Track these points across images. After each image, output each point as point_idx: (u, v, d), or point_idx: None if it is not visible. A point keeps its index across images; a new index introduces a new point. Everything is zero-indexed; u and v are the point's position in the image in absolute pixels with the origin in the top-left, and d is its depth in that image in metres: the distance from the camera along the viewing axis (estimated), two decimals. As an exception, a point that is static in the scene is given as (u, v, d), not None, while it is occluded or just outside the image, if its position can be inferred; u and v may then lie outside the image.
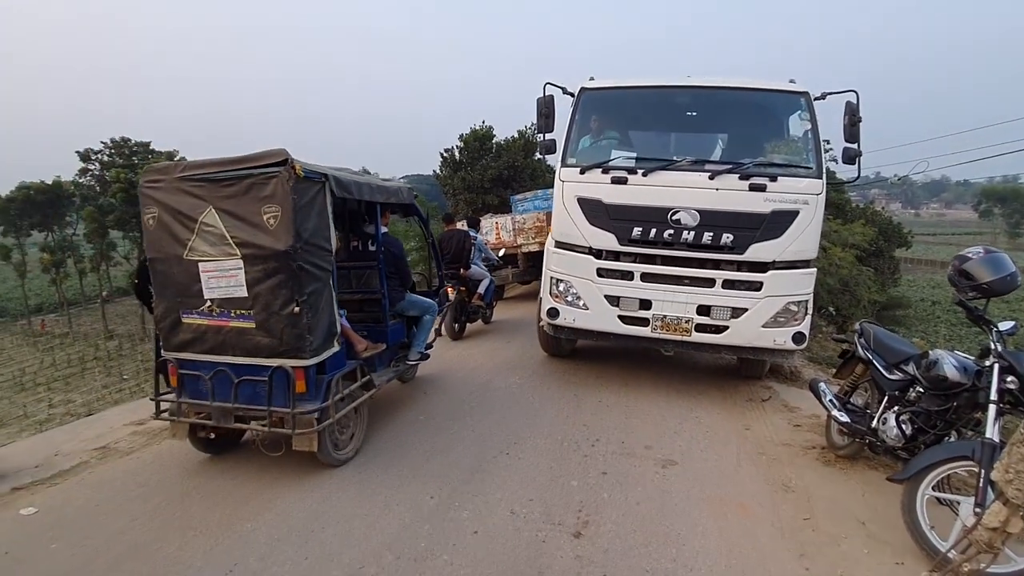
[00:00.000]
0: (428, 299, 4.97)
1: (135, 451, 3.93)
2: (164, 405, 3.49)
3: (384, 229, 4.48)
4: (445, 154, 18.93)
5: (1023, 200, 55.80)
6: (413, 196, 4.84)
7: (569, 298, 4.98)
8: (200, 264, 3.12)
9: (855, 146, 4.74)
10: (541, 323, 5.43)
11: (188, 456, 3.70)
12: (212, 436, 3.53)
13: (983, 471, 2.39)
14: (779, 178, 4.51)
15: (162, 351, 3.43)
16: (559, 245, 5.08)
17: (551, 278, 5.10)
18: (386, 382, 4.35)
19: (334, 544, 2.65)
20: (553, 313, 5.05)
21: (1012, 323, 2.91)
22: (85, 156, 32.25)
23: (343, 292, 4.16)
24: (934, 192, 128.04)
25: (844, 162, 4.92)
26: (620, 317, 4.81)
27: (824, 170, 4.63)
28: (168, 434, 3.71)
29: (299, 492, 3.17)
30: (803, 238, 4.50)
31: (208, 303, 3.16)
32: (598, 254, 4.86)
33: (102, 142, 32.43)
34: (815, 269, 4.66)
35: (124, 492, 3.28)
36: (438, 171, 19.35)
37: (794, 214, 4.47)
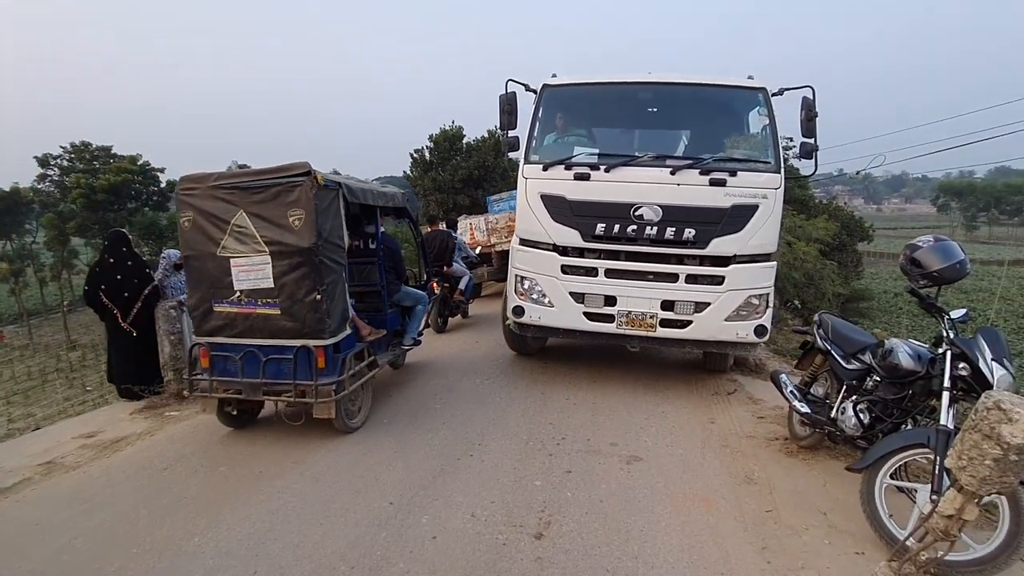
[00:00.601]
0: (420, 291, 5.56)
1: (82, 465, 3.72)
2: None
3: (383, 229, 4.98)
4: (415, 155, 18.77)
5: (978, 194, 58.07)
6: (405, 200, 5.33)
7: (534, 296, 4.93)
8: (231, 260, 3.61)
9: (812, 141, 4.81)
10: (507, 322, 5.37)
11: (137, 470, 3.53)
12: (235, 412, 4.12)
13: (938, 458, 2.40)
14: (739, 173, 4.54)
15: (194, 336, 3.90)
16: (523, 242, 5.03)
17: (516, 276, 5.04)
18: (386, 363, 4.86)
19: (285, 557, 2.54)
20: (519, 311, 5.00)
21: (964, 311, 2.96)
22: (44, 161, 31.06)
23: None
24: (895, 188, 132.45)
25: (802, 157, 4.99)
26: (585, 314, 4.78)
27: (782, 164, 4.68)
28: (199, 409, 4.24)
29: (251, 505, 3.03)
30: (763, 232, 4.53)
31: (238, 293, 3.64)
32: (562, 251, 4.82)
33: (61, 147, 31.30)
34: (776, 263, 4.70)
35: (68, 509, 3.10)
36: (408, 172, 19.16)
37: (754, 208, 4.50)
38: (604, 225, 4.65)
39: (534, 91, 5.19)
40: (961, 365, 2.57)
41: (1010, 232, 58.06)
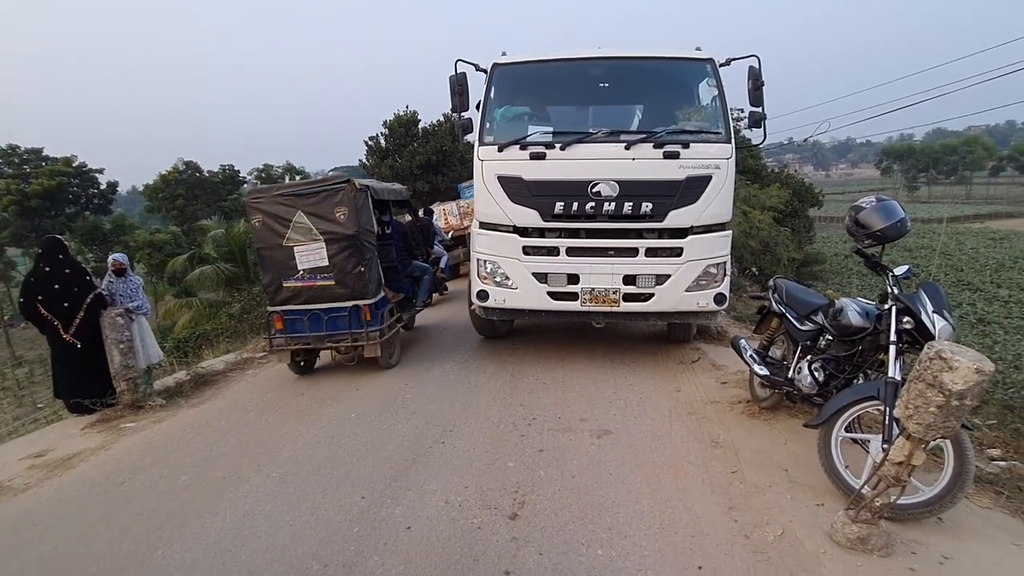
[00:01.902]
0: (425, 264, 7.12)
1: (31, 487, 3.54)
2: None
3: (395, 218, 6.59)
4: (370, 142, 18.30)
5: (917, 156, 60.73)
6: (408, 195, 7.08)
7: (497, 279, 4.90)
8: (295, 247, 4.81)
9: (760, 110, 4.88)
10: (472, 307, 5.34)
11: (92, 487, 3.38)
12: (302, 362, 5.34)
13: (887, 409, 2.51)
14: (691, 144, 4.58)
15: (268, 306, 5.08)
16: (483, 226, 4.98)
17: (478, 260, 5.00)
18: (407, 319, 6.31)
19: (255, 562, 2.47)
20: (483, 295, 4.97)
21: (907, 267, 3.08)
22: (-31, 167, 28.93)
23: None
24: (841, 154, 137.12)
25: (750, 126, 5.07)
26: (549, 293, 4.79)
27: (733, 135, 4.75)
28: (276, 360, 5.53)
29: (216, 512, 2.94)
30: (717, 202, 4.61)
31: (301, 272, 4.85)
32: (523, 232, 4.80)
33: (-12, 151, 29.17)
34: (731, 231, 4.80)
35: (16, 535, 2.94)
36: (364, 160, 18.69)
37: (707, 179, 4.56)
38: (563, 204, 4.64)
39: (484, 71, 5.10)
40: (905, 319, 2.68)
41: (947, 191, 61.14)
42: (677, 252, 4.66)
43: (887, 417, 2.50)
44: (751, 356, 3.77)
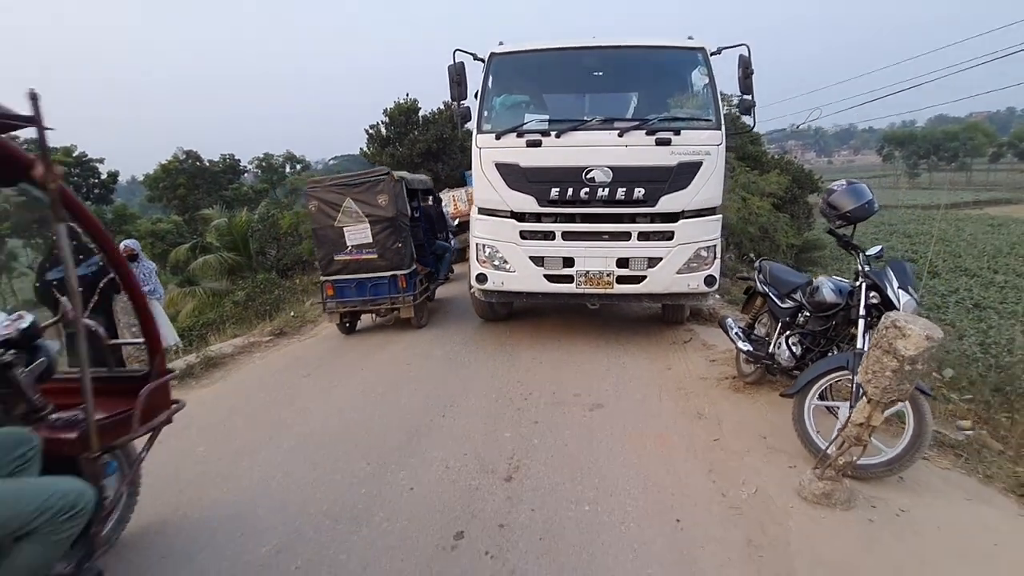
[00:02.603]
0: (446, 243, 8.09)
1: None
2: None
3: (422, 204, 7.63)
4: (370, 130, 18.37)
5: (919, 142, 60.48)
6: (432, 184, 8.49)
7: (496, 262, 5.09)
8: (344, 228, 5.87)
9: (750, 97, 5.03)
10: (472, 290, 5.53)
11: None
12: (348, 323, 6.41)
13: (855, 377, 2.71)
14: (682, 131, 4.74)
15: (322, 276, 6.15)
16: (482, 211, 5.16)
17: (477, 244, 5.19)
18: (432, 289, 7.32)
19: (270, 519, 2.68)
20: (482, 278, 5.16)
21: (879, 247, 3.27)
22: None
23: None
24: (844, 140, 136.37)
25: (741, 113, 5.23)
26: (546, 276, 4.97)
27: (723, 121, 4.90)
28: (328, 321, 6.51)
29: (230, 481, 3.14)
30: (708, 187, 4.78)
31: (350, 248, 5.91)
32: (520, 217, 4.98)
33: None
34: (721, 215, 4.97)
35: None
36: (365, 149, 18.77)
37: (698, 165, 4.73)
38: (558, 190, 4.81)
39: (482, 60, 5.24)
40: (872, 294, 2.88)
41: (948, 177, 60.99)
42: (668, 236, 4.83)
43: (854, 384, 2.70)
44: (736, 333, 3.96)
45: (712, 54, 5.06)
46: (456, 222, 11.18)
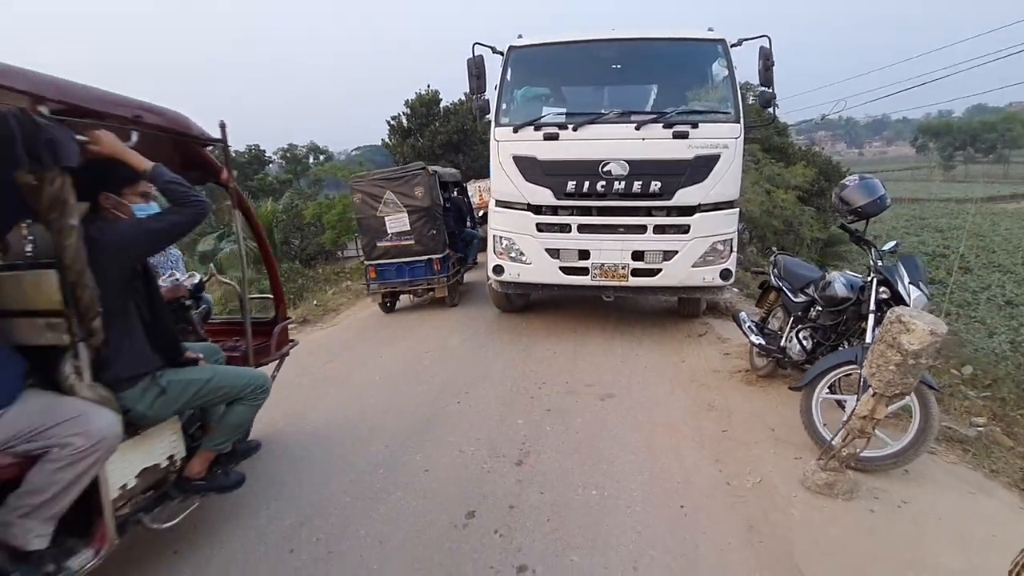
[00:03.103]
0: (474, 231, 8.63)
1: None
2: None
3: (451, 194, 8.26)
4: (392, 122, 18.55)
5: (955, 134, 58.42)
6: (460, 177, 9.34)
7: (512, 254, 5.18)
8: (385, 217, 6.57)
9: (770, 90, 5.01)
10: (489, 281, 5.64)
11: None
12: (388, 303, 7.10)
13: (862, 371, 2.74)
14: (700, 125, 4.75)
15: (366, 261, 6.90)
16: (499, 204, 5.25)
17: (494, 236, 5.28)
18: (462, 273, 7.96)
19: (292, 495, 2.85)
20: (498, 270, 5.26)
21: (894, 242, 3.27)
22: None
23: None
24: (876, 131, 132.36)
25: (761, 105, 5.22)
26: (562, 268, 5.05)
27: (742, 114, 4.88)
28: (371, 302, 7.30)
29: (253, 462, 3.31)
30: (725, 180, 4.78)
31: (390, 235, 6.62)
32: (536, 209, 5.05)
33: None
34: (738, 209, 4.97)
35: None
36: (387, 140, 18.97)
37: (715, 158, 4.73)
38: (575, 182, 4.87)
39: (501, 53, 5.31)
40: (882, 289, 2.89)
41: (984, 170, 58.83)
42: (684, 229, 4.86)
43: (862, 379, 2.73)
44: (749, 327, 4.00)
45: (732, 46, 5.04)
46: (481, 212, 11.61)
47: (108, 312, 1.89)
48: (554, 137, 4.89)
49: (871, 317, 2.87)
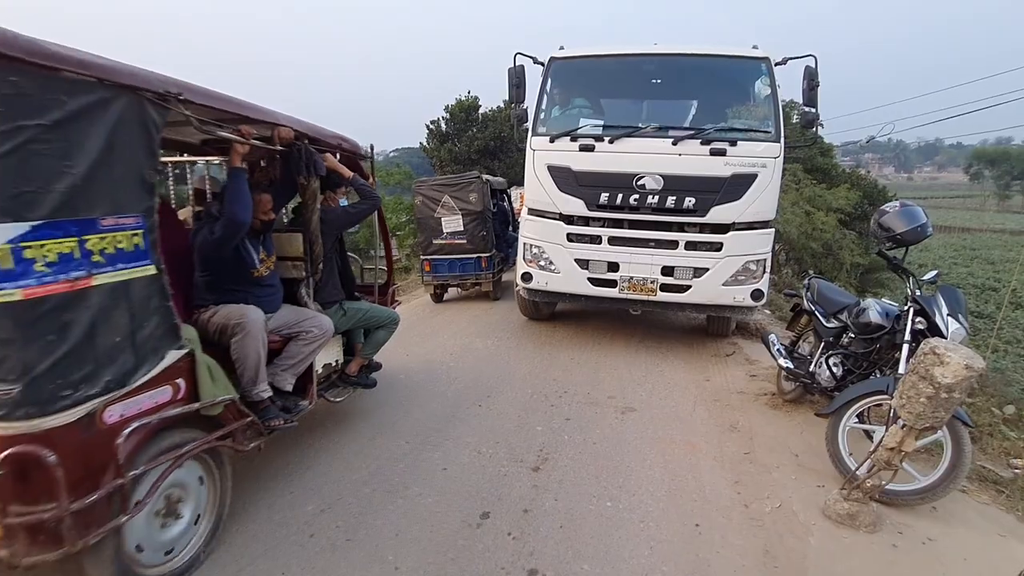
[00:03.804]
0: (515, 234, 9.07)
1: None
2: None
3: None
4: (431, 126, 18.86)
5: (1012, 162, 55.82)
6: (506, 185, 10.00)
7: (542, 263, 5.22)
8: (441, 218, 7.46)
9: (814, 110, 4.93)
10: (517, 287, 5.68)
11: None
12: (439, 293, 7.98)
13: (892, 402, 2.68)
14: (739, 142, 4.71)
15: (422, 256, 7.78)
16: (531, 212, 5.30)
17: (525, 244, 5.33)
18: (506, 270, 8.54)
19: (315, 483, 2.94)
20: (527, 277, 5.31)
21: (935, 272, 3.19)
22: None
23: None
24: (928, 155, 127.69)
25: (803, 126, 5.13)
26: (590, 279, 5.06)
27: (783, 134, 4.82)
28: (424, 291, 8.30)
29: (283, 451, 3.43)
30: (762, 200, 4.72)
31: (445, 234, 7.50)
32: (568, 220, 5.09)
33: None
34: (773, 229, 4.89)
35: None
36: (425, 143, 19.29)
37: (752, 177, 4.68)
38: (608, 194, 4.89)
39: (542, 64, 5.38)
40: (919, 320, 2.82)
41: (1045, 201, 56.02)
42: (717, 247, 4.81)
43: (892, 410, 2.67)
44: (778, 349, 3.93)
45: (777, 64, 4.99)
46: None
47: (323, 261, 3.17)
48: (590, 148, 4.92)
49: (905, 347, 2.80)
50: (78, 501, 1.69)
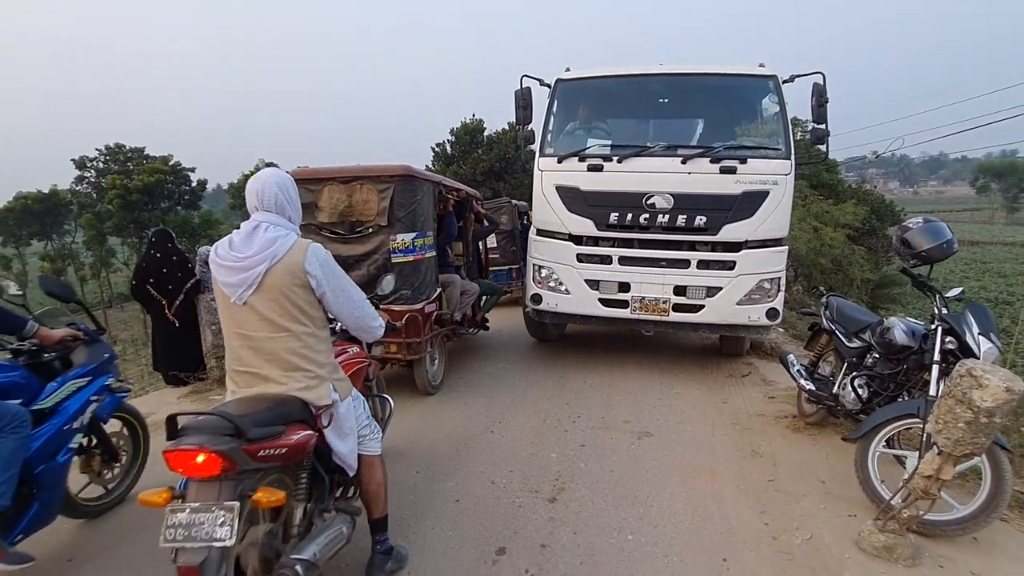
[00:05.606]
0: None
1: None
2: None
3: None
4: (436, 148, 19.05)
5: (1020, 174, 55.60)
6: (529, 208, 10.52)
7: (551, 284, 5.15)
8: None
9: (823, 127, 4.89)
10: (526, 309, 5.61)
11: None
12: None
13: (925, 426, 2.56)
14: (749, 160, 4.66)
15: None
16: (540, 233, 5.25)
17: (534, 265, 5.27)
18: None
19: (325, 516, 2.83)
20: (536, 299, 5.23)
21: (960, 289, 3.09)
22: (80, 164, 32.18)
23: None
24: (933, 169, 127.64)
25: (813, 143, 5.08)
26: (600, 300, 4.98)
27: (793, 151, 4.77)
28: None
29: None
30: (774, 217, 4.65)
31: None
32: (577, 240, 5.03)
33: (97, 149, 32.36)
34: (787, 247, 4.82)
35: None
36: (430, 165, 19.46)
37: (764, 194, 4.62)
38: (617, 214, 4.83)
39: (548, 86, 5.38)
40: (948, 339, 2.71)
41: (1054, 213, 55.57)
42: (729, 265, 4.73)
43: (925, 434, 2.55)
44: (798, 371, 3.82)
45: (784, 82, 4.97)
46: None
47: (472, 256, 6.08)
48: (598, 168, 4.89)
49: (935, 368, 2.69)
50: (424, 336, 4.36)
